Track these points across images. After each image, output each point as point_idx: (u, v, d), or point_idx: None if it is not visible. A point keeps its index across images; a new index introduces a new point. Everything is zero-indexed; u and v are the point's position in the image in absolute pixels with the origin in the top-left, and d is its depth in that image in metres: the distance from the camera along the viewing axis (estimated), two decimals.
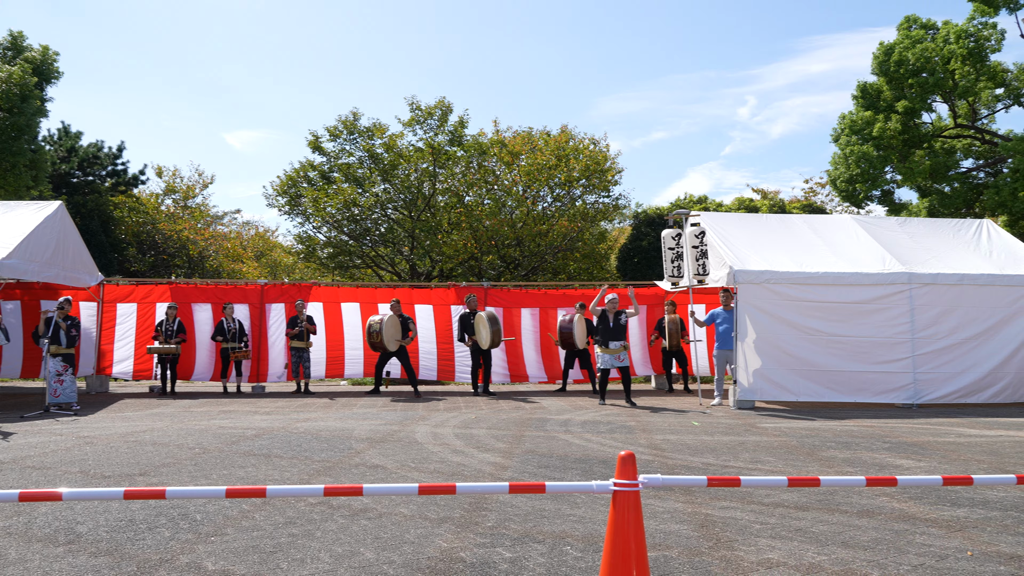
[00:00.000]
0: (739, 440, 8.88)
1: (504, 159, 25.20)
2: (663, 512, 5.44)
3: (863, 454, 7.97)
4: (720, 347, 12.91)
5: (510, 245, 25.52)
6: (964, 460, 7.65)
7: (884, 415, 11.48)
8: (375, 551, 4.55)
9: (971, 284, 12.50)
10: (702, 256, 12.65)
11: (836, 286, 12.28)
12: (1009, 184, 20.03)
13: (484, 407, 12.26)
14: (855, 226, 14.03)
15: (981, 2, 21.73)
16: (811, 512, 5.46)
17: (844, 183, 22.76)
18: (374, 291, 16.07)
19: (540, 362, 15.86)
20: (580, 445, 8.40)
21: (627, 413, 11.55)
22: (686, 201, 36.33)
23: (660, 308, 16.01)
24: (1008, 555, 4.49)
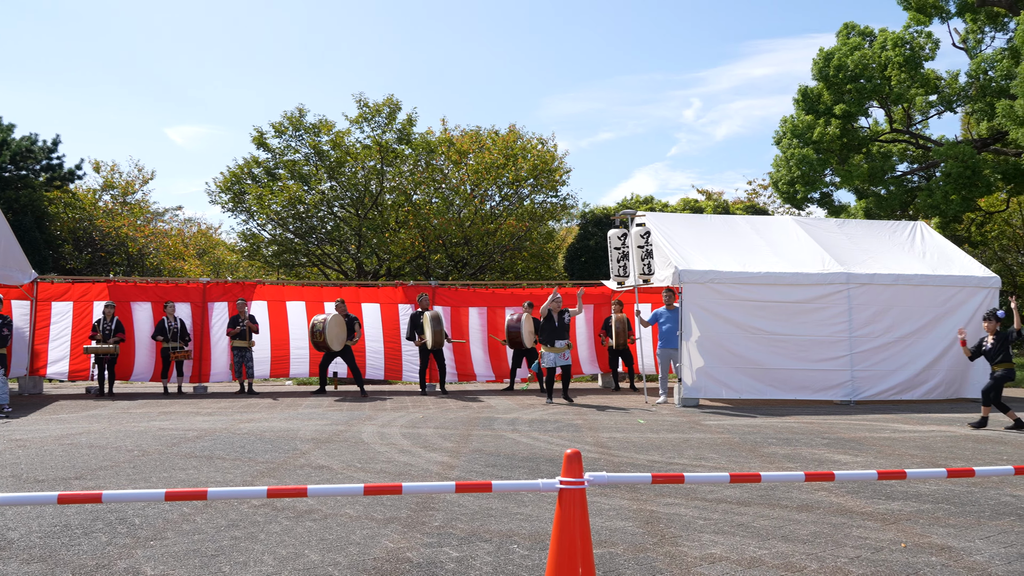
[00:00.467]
0: (684, 437, 9.01)
1: (452, 158, 25.14)
2: (609, 509, 5.49)
3: (803, 450, 8.16)
4: (663, 346, 13.08)
5: (458, 244, 25.47)
6: (898, 455, 7.90)
7: (823, 412, 11.78)
8: (320, 553, 4.50)
9: (905, 284, 12.90)
10: (647, 256, 12.80)
11: (777, 286, 12.55)
12: (941, 187, 20.72)
13: (432, 406, 12.22)
14: (796, 227, 14.35)
15: (916, 11, 22.46)
16: (753, 507, 5.57)
17: (786, 185, 23.28)
18: (320, 290, 15.87)
19: (488, 361, 15.87)
20: (528, 444, 8.43)
21: (574, 411, 11.63)
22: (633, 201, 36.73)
23: (607, 307, 16.15)
24: (939, 546, 4.65)
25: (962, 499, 5.84)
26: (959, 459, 7.66)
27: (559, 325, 12.71)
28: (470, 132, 26.78)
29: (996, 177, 21.17)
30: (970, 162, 20.20)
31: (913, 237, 14.55)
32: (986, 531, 4.98)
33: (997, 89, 21.00)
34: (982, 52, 22.48)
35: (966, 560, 4.39)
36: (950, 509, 5.54)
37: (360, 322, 14.74)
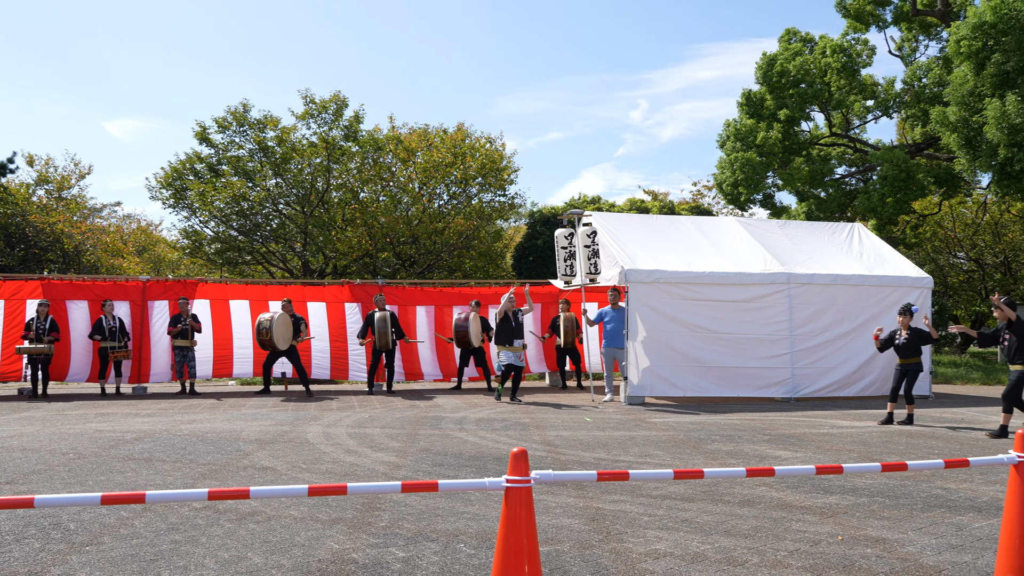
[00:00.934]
0: (629, 435, 9.11)
1: (400, 156, 24.97)
2: (556, 507, 5.52)
3: (745, 446, 8.32)
4: (608, 345, 13.20)
5: (406, 242, 25.32)
6: (836, 450, 8.11)
7: (765, 408, 12.03)
8: (263, 555, 4.43)
9: (844, 284, 13.25)
10: (594, 255, 12.90)
11: (721, 285, 12.77)
12: (878, 190, 21.34)
13: (378, 406, 12.12)
14: (739, 228, 14.62)
15: (854, 19, 23.08)
16: (696, 503, 5.66)
17: (729, 187, 23.70)
18: (264, 288, 15.60)
19: (435, 360, 15.81)
20: (475, 443, 8.42)
21: (521, 410, 11.66)
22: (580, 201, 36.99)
23: (554, 306, 16.23)
24: (875, 538, 4.79)
25: (896, 492, 6.03)
26: (893, 454, 7.91)
27: (516, 325, 12.75)
28: (418, 130, 26.65)
29: (929, 181, 21.90)
30: (905, 166, 20.85)
31: (851, 238, 14.95)
32: (918, 523, 5.15)
33: (930, 96, 21.72)
34: (917, 60, 23.24)
35: (899, 551, 4.53)
36: (885, 502, 5.71)
37: (307, 322, 14.55)
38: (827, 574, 4.15)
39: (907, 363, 10.43)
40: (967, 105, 16.87)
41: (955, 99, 17.09)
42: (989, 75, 16.11)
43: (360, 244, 24.19)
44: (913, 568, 4.24)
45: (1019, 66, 15.67)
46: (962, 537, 4.82)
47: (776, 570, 4.21)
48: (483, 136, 26.75)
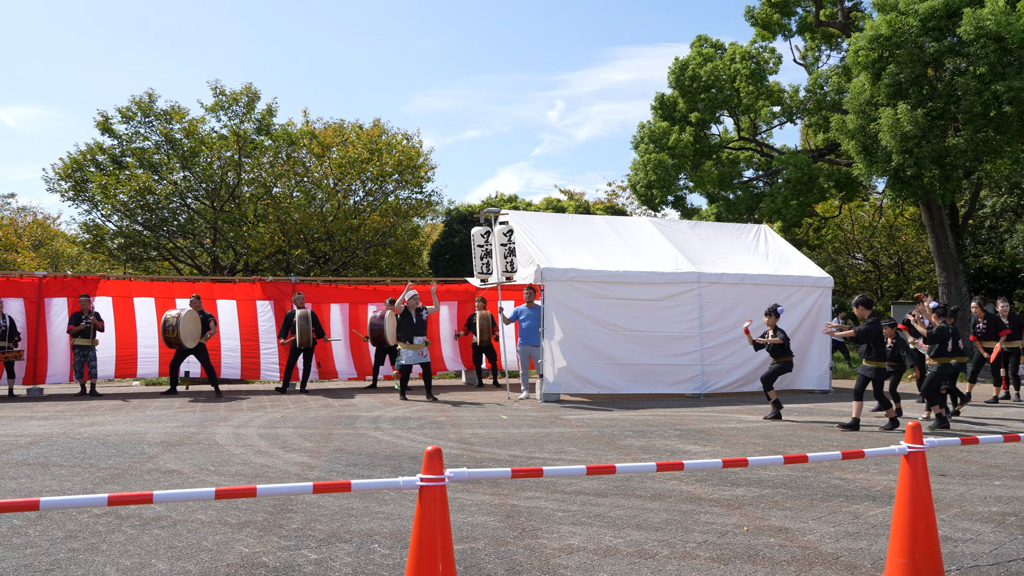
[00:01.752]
0: (545, 432, 9.20)
1: (315, 151, 24.51)
2: (471, 505, 5.52)
3: (657, 441, 8.52)
4: (523, 343, 13.29)
5: (320, 239, 24.88)
6: (743, 444, 8.39)
7: (676, 404, 12.34)
8: (168, 561, 4.27)
9: (751, 284, 13.70)
10: (510, 254, 12.96)
11: (635, 284, 13.02)
12: (783, 193, 22.17)
13: (291, 405, 11.87)
14: (652, 228, 14.94)
15: (762, 28, 23.89)
16: (609, 498, 5.75)
17: (643, 188, 24.20)
18: (171, 285, 15.06)
19: (350, 358, 15.58)
20: (390, 442, 8.35)
21: (437, 408, 11.62)
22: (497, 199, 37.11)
23: (471, 304, 16.24)
24: (778, 528, 4.97)
25: (798, 483, 6.28)
26: (796, 446, 8.23)
27: (417, 322, 12.75)
28: (333, 125, 26.21)
29: (830, 185, 22.89)
30: (807, 170, 21.73)
31: (757, 239, 15.47)
32: (818, 512, 5.37)
33: (831, 104, 22.69)
34: (819, 69, 24.22)
35: (800, 540, 4.72)
36: (787, 493, 5.94)
37: (215, 319, 14.11)
38: (733, 564, 4.28)
39: (779, 361, 10.65)
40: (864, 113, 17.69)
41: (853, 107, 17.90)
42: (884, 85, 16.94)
43: (273, 240, 23.63)
44: (813, 556, 4.42)
45: (911, 77, 16.53)
46: (858, 525, 5.05)
47: (685, 561, 4.32)
48: (400, 133, 26.55)
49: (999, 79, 15.12)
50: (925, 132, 16.42)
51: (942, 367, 9.62)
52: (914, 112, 16.10)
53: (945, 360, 9.64)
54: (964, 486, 6.20)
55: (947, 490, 6.04)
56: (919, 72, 16.53)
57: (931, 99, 16.38)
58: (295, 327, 13.77)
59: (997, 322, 12.72)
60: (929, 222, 21.01)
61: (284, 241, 23.91)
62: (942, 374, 9.64)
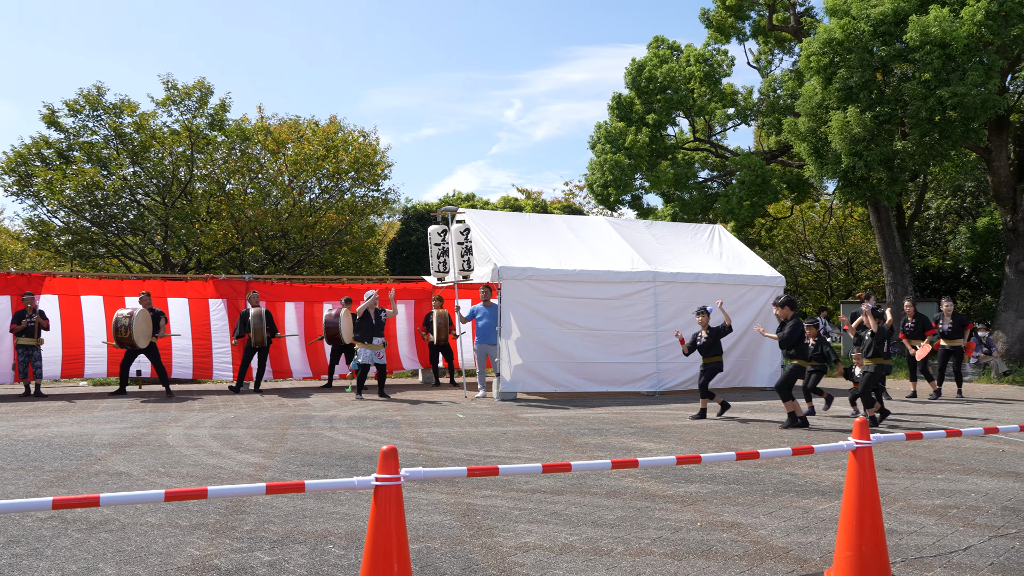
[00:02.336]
0: (501, 430, 9.21)
1: (269, 147, 24.17)
2: (427, 504, 5.51)
3: (612, 439, 8.59)
4: (480, 341, 13.28)
5: (275, 237, 24.55)
6: (697, 441, 8.50)
7: (631, 402, 12.44)
8: (116, 566, 4.18)
9: (705, 283, 13.88)
10: (467, 252, 12.95)
11: (591, 283, 13.10)
12: (736, 194, 22.51)
13: (245, 405, 11.70)
14: (608, 227, 15.05)
15: (716, 31, 24.21)
16: (565, 495, 5.78)
17: (600, 187, 24.36)
18: (120, 283, 14.71)
19: (305, 358, 15.41)
20: (345, 441, 8.28)
21: (394, 407, 11.56)
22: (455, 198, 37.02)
23: (428, 303, 16.18)
24: (730, 523, 5.05)
25: (750, 479, 6.38)
26: (748, 443, 8.36)
27: (376, 323, 12.79)
28: (289, 121, 25.87)
29: (782, 186, 23.30)
30: (760, 172, 22.09)
31: (712, 239, 15.69)
32: (769, 507, 5.47)
33: (784, 107, 23.09)
34: (772, 72, 24.64)
35: (752, 535, 4.80)
36: (740, 489, 6.03)
37: (167, 316, 13.83)
38: (687, 559, 4.34)
39: (709, 362, 10.55)
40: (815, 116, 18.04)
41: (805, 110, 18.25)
42: (835, 89, 17.29)
43: (226, 238, 23.25)
44: (764, 550, 4.50)
45: (861, 82, 16.90)
46: (808, 519, 5.16)
47: (640, 558, 4.37)
48: (356, 130, 26.33)
49: (943, 85, 15.54)
50: (874, 136, 16.81)
51: (879, 368, 9.84)
52: (863, 116, 16.47)
53: (881, 361, 9.87)
54: (909, 480, 6.37)
55: (892, 484, 6.20)
56: (868, 77, 16.91)
57: (880, 103, 16.78)
58: (249, 325, 13.60)
59: (924, 322, 13.11)
60: (877, 223, 21.52)
61: (238, 238, 23.54)
62: (879, 375, 9.85)
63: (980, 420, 10.24)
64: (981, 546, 4.60)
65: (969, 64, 15.41)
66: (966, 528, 4.96)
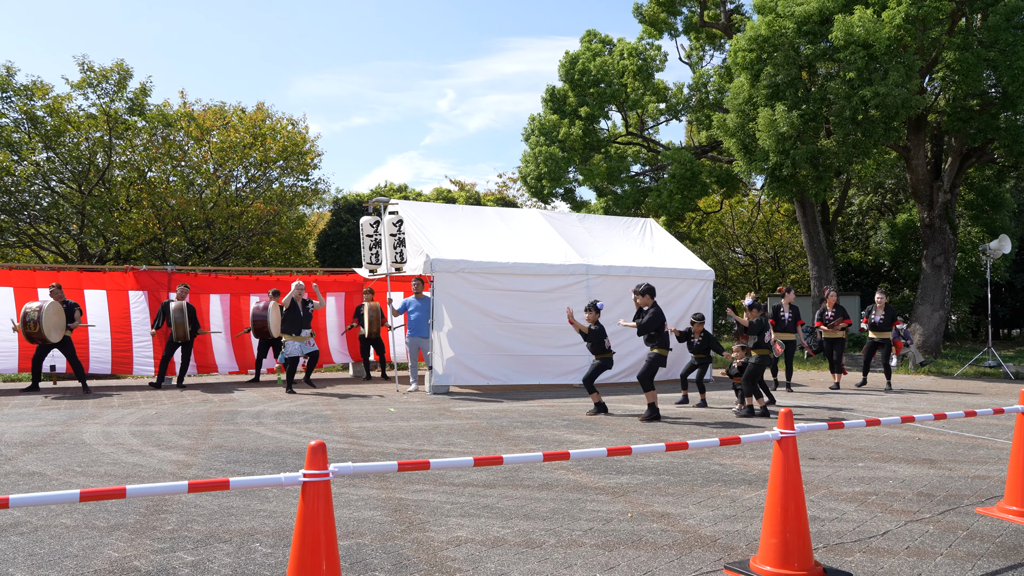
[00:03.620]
0: (434, 424, 9.18)
1: (193, 134, 23.50)
2: (358, 500, 5.46)
3: (545, 432, 8.65)
4: (412, 334, 13.20)
5: (199, 227, 23.92)
6: (628, 433, 8.64)
7: (564, 395, 12.56)
8: (28, 570, 4.02)
9: (637, 276, 14.07)
10: (400, 244, 12.85)
11: (524, 276, 13.16)
12: (668, 188, 22.91)
13: (167, 401, 11.38)
14: (542, 220, 15.13)
15: (649, 25, 24.54)
16: (498, 489, 5.81)
17: (533, 180, 24.46)
18: (32, 274, 14.10)
19: (231, 351, 15.07)
20: (273, 437, 8.14)
21: (323, 402, 11.41)
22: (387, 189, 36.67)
23: (359, 295, 16.00)
24: (660, 513, 5.15)
25: (679, 470, 6.52)
26: (678, 434, 8.54)
27: (304, 314, 12.73)
28: (214, 108, 25.20)
29: (712, 181, 23.79)
30: (691, 167, 22.52)
31: (644, 232, 15.93)
32: (698, 497, 5.59)
33: (714, 102, 23.58)
34: (703, 68, 25.11)
35: (682, 524, 4.90)
36: (670, 479, 6.16)
37: (81, 308, 13.33)
38: (618, 550, 4.41)
39: (599, 358, 10.26)
40: (744, 113, 18.48)
41: (733, 107, 18.67)
42: (763, 86, 17.74)
43: (147, 227, 22.53)
44: (693, 539, 4.61)
45: (787, 80, 17.38)
46: (735, 508, 5.30)
47: (571, 549, 4.41)
48: (285, 117, 25.82)
49: (866, 84, 16.10)
50: (800, 133, 17.31)
51: (762, 359, 10.13)
52: (790, 114, 16.93)
53: (764, 352, 10.22)
54: (831, 468, 6.60)
55: (816, 472, 6.42)
56: (795, 75, 17.39)
57: (805, 101, 17.28)
58: (171, 320, 13.23)
59: (841, 312, 13.64)
60: (803, 218, 22.19)
61: (159, 228, 22.84)
62: (762, 365, 10.15)
63: (898, 409, 10.69)
64: (898, 531, 4.80)
65: (891, 64, 16.00)
66: (884, 514, 5.17)
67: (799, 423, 4.29)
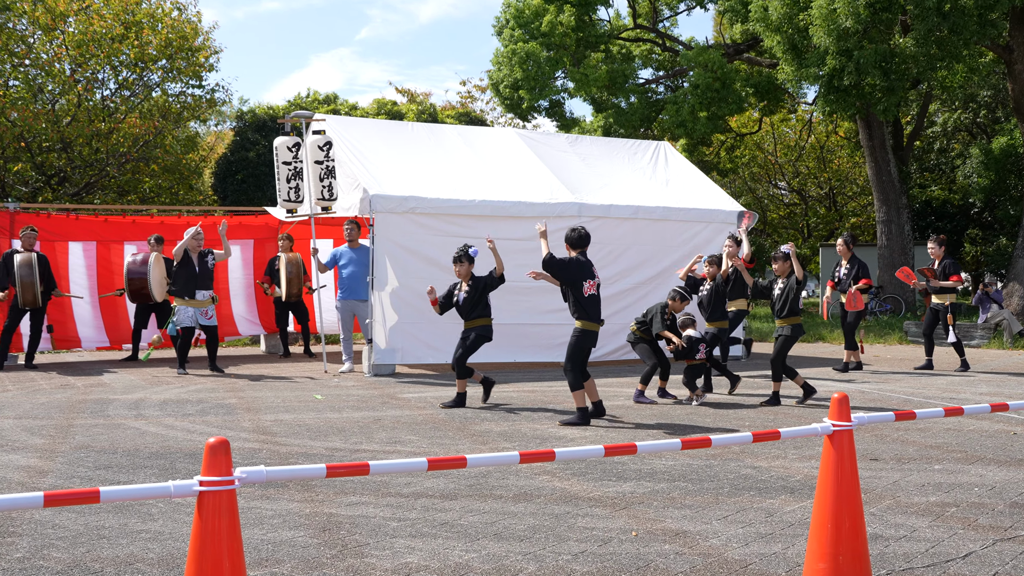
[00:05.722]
0: (375, 416, 9.22)
1: (41, 21, 23.02)
2: (274, 516, 5.50)
3: (523, 425, 8.73)
4: (345, 296, 13.18)
5: (52, 149, 23.61)
6: (632, 426, 8.74)
7: (549, 376, 12.65)
8: None
9: (646, 218, 14.12)
10: (328, 175, 12.77)
11: (495, 218, 13.13)
12: (689, 101, 22.89)
13: (12, 387, 11.34)
14: (520, 144, 15.08)
15: None
16: (460, 501, 5.87)
17: (508, 89, 24.31)
18: None
19: (99, 319, 14.98)
20: (159, 434, 8.14)
21: (226, 387, 11.41)
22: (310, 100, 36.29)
23: (273, 244, 15.92)
24: (674, 531, 5.24)
25: (700, 475, 6.62)
26: (699, 428, 8.65)
27: (201, 270, 12.61)
28: None
29: (748, 92, 23.81)
30: (720, 73, 22.47)
31: (656, 161, 15.95)
32: (724, 510, 5.70)
33: None
34: None
35: (702, 545, 5.00)
36: (687, 487, 6.26)
37: None
38: None
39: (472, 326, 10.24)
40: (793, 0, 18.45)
41: None
42: None
43: None
44: (717, 564, 4.70)
45: None
46: (772, 524, 5.41)
47: None
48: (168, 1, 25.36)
49: None
50: (867, 28, 17.32)
51: (795, 329, 10.30)
52: (855, 2, 16.90)
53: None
54: (898, 472, 6.74)
55: (879, 477, 6.55)
56: None
57: None
58: (15, 277, 13.04)
59: (862, 269, 13.34)
60: (868, 143, 22.34)
61: None
62: (794, 338, 10.31)
63: (988, 395, 10.89)
64: (984, 552, 4.93)
65: None
66: (966, 530, 5.30)
67: (857, 413, 4.36)
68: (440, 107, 39.57)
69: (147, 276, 13.67)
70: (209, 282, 12.77)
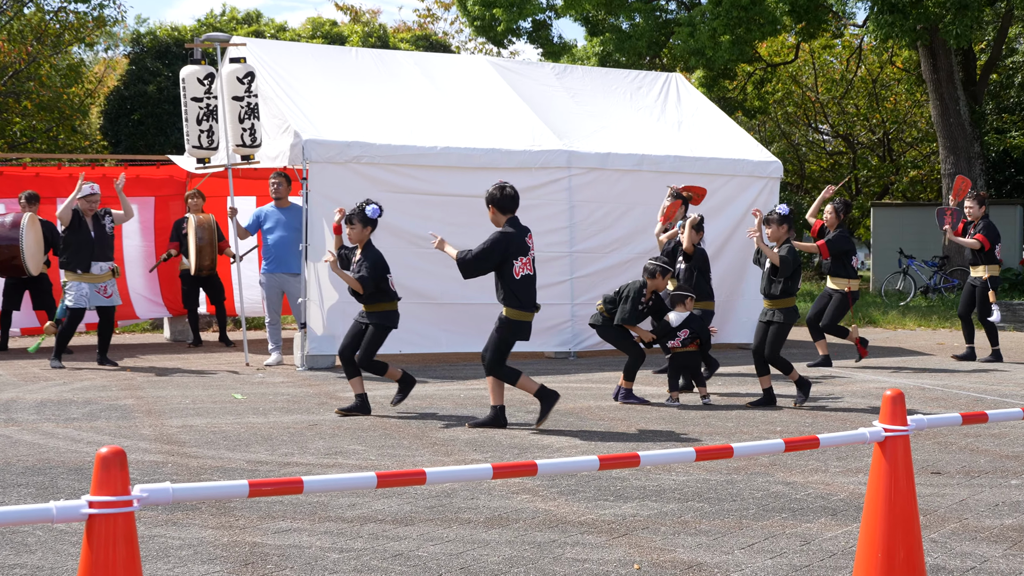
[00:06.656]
0: (309, 420, 9.23)
1: None
2: (182, 546, 5.50)
3: (495, 431, 8.74)
4: (271, 269, 13.09)
5: None
6: (635, 432, 8.77)
7: (531, 369, 12.64)
8: None
9: (652, 170, 14.07)
10: (250, 115, 12.68)
11: (463, 170, 13.08)
12: (708, 22, 22.84)
13: None
14: (494, 76, 15.00)
15: None
16: (418, 525, 5.88)
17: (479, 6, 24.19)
18: None
19: None
20: (35, 443, 8.12)
21: (120, 383, 11.38)
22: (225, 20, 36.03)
23: (179, 203, 15.83)
24: (686, 564, 5.27)
25: (720, 493, 6.66)
26: (718, 434, 8.69)
27: (98, 236, 12.56)
28: None
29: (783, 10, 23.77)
30: None
31: (666, 97, 15.90)
32: (749, 536, 5.74)
33: None
34: None
35: None
36: (703, 508, 6.29)
37: None
38: None
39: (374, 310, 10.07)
40: None
41: None
42: None
43: None
44: None
45: None
46: (808, 555, 5.45)
47: None
48: None
49: None
50: None
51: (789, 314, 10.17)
52: None
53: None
54: (967, 488, 6.80)
55: (942, 495, 6.60)
56: None
57: None
58: None
59: None
60: (932, 76, 22.36)
61: None
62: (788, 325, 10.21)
63: None
64: None
65: None
66: None
67: (914, 416, 4.39)
68: (392, 28, 39.38)
69: (19, 243, 13.56)
70: (109, 251, 12.73)
